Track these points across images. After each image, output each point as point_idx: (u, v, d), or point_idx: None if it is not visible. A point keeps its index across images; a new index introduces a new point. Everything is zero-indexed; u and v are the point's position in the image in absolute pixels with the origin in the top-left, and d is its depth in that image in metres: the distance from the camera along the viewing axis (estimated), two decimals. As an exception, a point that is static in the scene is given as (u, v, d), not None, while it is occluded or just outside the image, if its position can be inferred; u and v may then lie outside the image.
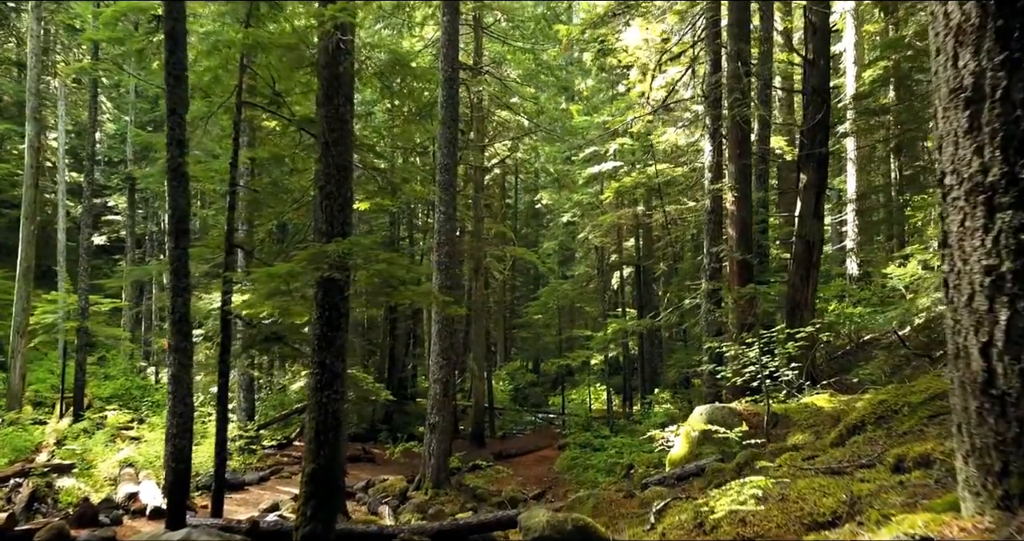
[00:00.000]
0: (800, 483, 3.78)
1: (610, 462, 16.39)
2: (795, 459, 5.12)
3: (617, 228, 25.37)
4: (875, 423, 5.49)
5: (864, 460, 4.31)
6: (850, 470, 4.07)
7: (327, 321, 6.89)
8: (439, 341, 14.31)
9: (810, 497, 3.39)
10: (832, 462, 4.56)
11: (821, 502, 3.27)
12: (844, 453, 4.77)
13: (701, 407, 8.84)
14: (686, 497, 4.89)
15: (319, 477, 6.67)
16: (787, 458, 5.27)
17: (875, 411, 5.60)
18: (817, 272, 12.61)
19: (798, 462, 4.96)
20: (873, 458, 4.26)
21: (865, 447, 4.86)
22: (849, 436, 5.62)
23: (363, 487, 14.17)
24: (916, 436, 4.68)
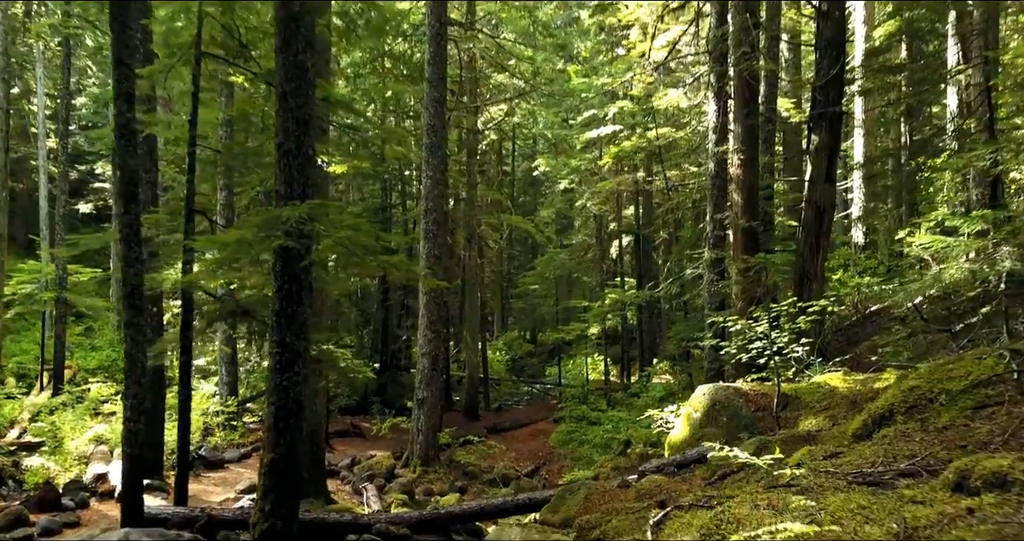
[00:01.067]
0: (831, 499, 3.08)
1: (606, 437, 15.83)
2: (815, 457, 4.42)
3: (616, 195, 24.51)
4: (906, 413, 4.78)
5: (904, 465, 3.60)
6: (890, 479, 3.36)
7: (287, 295, 6.15)
8: (427, 313, 13.61)
9: (848, 523, 2.68)
10: (864, 464, 3.85)
11: (864, 532, 2.56)
12: (875, 452, 4.06)
13: (703, 387, 8.15)
14: (688, 507, 4.20)
15: (279, 468, 5.99)
16: (805, 454, 4.57)
17: (905, 399, 4.88)
18: (828, 240, 11.83)
19: (820, 461, 4.26)
20: (916, 463, 3.54)
21: (899, 444, 4.15)
22: (876, 428, 4.92)
23: (348, 465, 13.59)
24: (961, 433, 3.97)
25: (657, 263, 27.67)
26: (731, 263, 12.18)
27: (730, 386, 7.91)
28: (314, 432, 10.63)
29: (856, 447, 4.54)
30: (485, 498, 12.13)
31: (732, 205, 12.01)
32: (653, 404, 16.15)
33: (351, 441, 16.65)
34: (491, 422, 19.66)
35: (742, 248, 11.73)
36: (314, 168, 6.36)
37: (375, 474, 12.85)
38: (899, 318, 14.06)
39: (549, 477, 14.85)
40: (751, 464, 5.90)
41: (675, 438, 8.16)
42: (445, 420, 20.18)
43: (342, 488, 12.38)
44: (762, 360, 8.35)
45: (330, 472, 13.08)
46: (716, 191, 12.44)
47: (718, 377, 11.95)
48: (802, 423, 6.88)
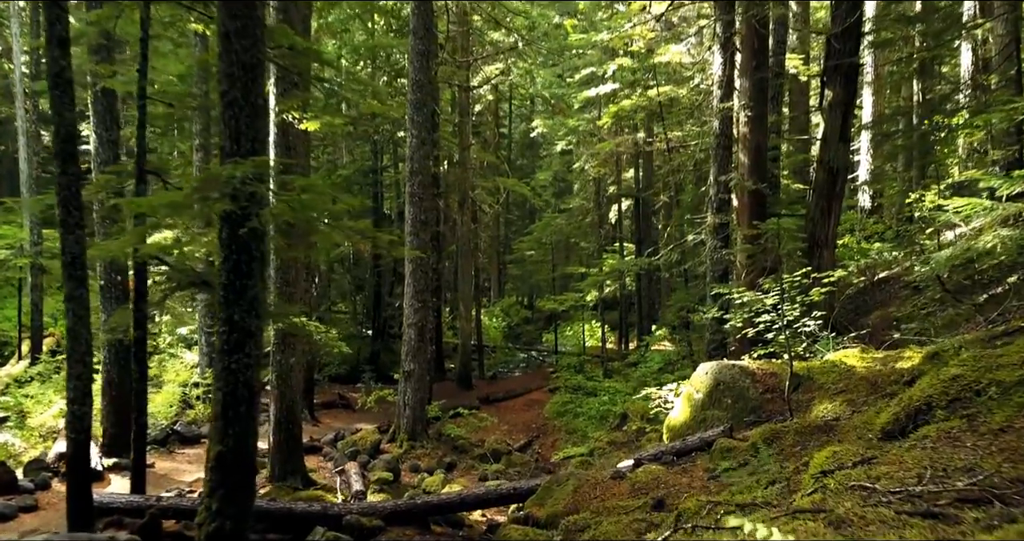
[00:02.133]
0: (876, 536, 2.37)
1: (602, 409, 15.24)
2: (842, 462, 3.70)
3: (616, 157, 23.59)
4: (948, 408, 4.06)
5: (962, 483, 2.88)
6: (950, 507, 2.65)
7: (234, 267, 5.39)
8: (413, 282, 12.87)
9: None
10: (908, 478, 3.13)
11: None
12: (917, 460, 3.34)
13: (706, 365, 7.44)
14: (691, 528, 3.50)
15: (227, 462, 5.30)
16: (829, 458, 3.85)
17: (946, 390, 4.16)
18: (840, 204, 11.05)
19: (849, 470, 3.54)
20: (978, 483, 2.82)
21: (946, 450, 3.44)
22: (911, 424, 4.20)
23: (332, 439, 12.98)
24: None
25: (657, 228, 26.86)
26: (736, 228, 11.41)
27: (736, 364, 7.21)
28: (290, 409, 9.98)
29: (890, 450, 3.83)
30: (473, 485, 11.56)
31: (738, 166, 11.18)
32: (651, 376, 15.55)
33: (337, 413, 16.06)
34: (484, 392, 19.08)
35: (748, 212, 10.94)
36: (264, 120, 5.53)
37: (359, 450, 12.25)
38: (912, 286, 13.34)
39: (542, 451, 14.28)
40: (758, 457, 5.22)
41: (674, 420, 7.49)
42: (438, 390, 19.63)
43: (324, 465, 11.78)
44: (769, 334, 7.66)
45: (312, 448, 12.50)
46: (720, 151, 11.60)
47: (720, 350, 11.28)
48: (816, 407, 6.19)
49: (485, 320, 31.44)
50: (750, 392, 6.84)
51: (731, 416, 6.83)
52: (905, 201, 19.63)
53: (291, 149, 9.87)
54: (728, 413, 6.86)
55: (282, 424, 9.94)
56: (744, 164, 11.00)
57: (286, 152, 9.84)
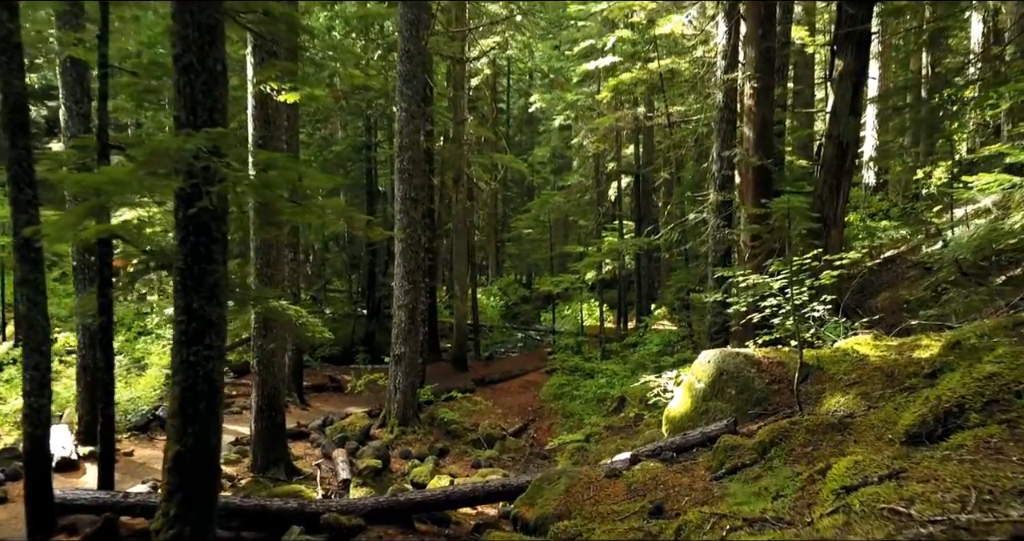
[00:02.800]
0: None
1: (599, 392, 14.85)
2: (866, 475, 3.24)
3: (615, 132, 22.95)
4: (983, 411, 3.59)
5: (1017, 511, 2.42)
6: (1009, 549, 2.19)
7: (192, 250, 4.90)
8: (404, 262, 12.38)
9: None
10: (949, 503, 2.67)
11: None
12: (956, 476, 2.88)
13: (708, 352, 6.98)
14: None
15: (187, 463, 4.85)
16: (851, 469, 3.39)
17: (981, 390, 3.70)
18: (850, 181, 10.55)
19: (876, 486, 3.08)
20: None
21: (989, 465, 2.98)
22: (940, 427, 3.74)
23: (320, 425, 12.58)
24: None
25: (657, 205, 26.30)
26: (739, 206, 10.89)
27: (740, 353, 6.75)
28: (272, 395, 9.56)
29: (920, 460, 3.36)
30: (460, 483, 11.18)
31: (743, 140, 10.64)
32: (650, 358, 15.14)
33: (328, 396, 15.67)
34: (480, 374, 18.68)
35: (753, 189, 10.43)
36: (224, 88, 5.00)
37: (348, 436, 11.85)
38: (921, 266, 12.85)
39: (537, 436, 13.91)
40: (766, 459, 4.79)
41: (675, 412, 7.05)
42: (432, 371, 19.24)
43: (310, 452, 11.39)
44: (776, 320, 7.18)
45: (299, 434, 12.12)
46: (724, 125, 11.04)
47: (722, 333, 10.83)
48: (827, 400, 5.74)
49: (482, 299, 30.99)
50: (755, 383, 6.39)
51: (735, 408, 6.38)
52: (913, 177, 19.16)
53: (270, 122, 9.33)
54: (731, 405, 6.41)
55: (264, 411, 9.52)
56: (749, 138, 10.46)
57: (265, 126, 9.31)
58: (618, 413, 13.64)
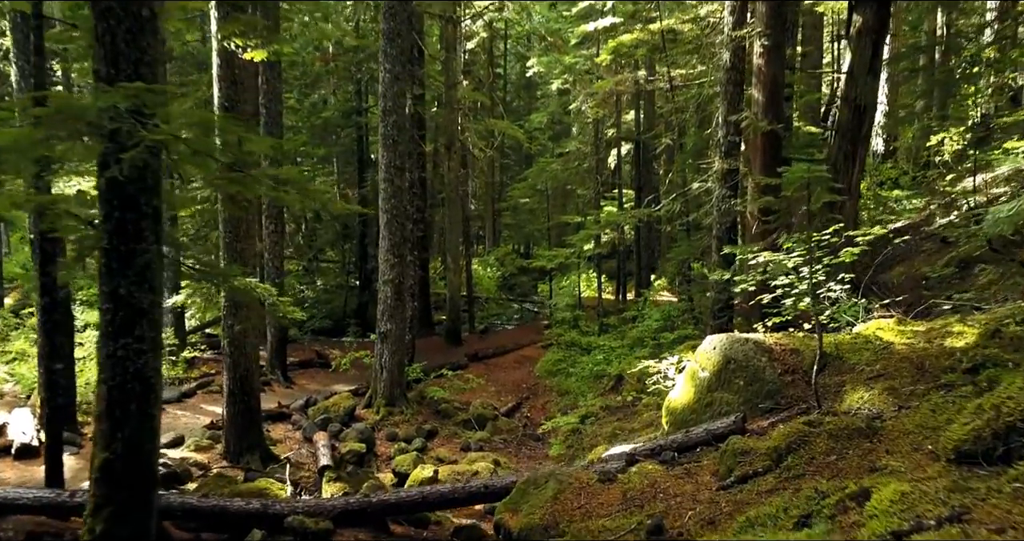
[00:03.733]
0: None
1: (596, 369, 14.26)
2: (919, 513, 2.60)
3: (615, 97, 22.03)
4: (1058, 428, 2.94)
5: None
6: None
7: (119, 227, 4.21)
8: (389, 234, 11.67)
9: None
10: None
11: None
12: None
13: (713, 338, 6.33)
14: None
15: (116, 473, 4.23)
16: (896, 501, 2.75)
17: (1051, 398, 3.04)
18: (866, 147, 9.82)
19: (932, 528, 2.44)
20: None
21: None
22: (1001, 445, 3.08)
23: (302, 405, 11.99)
24: None
25: (658, 173, 25.48)
26: (746, 175, 10.17)
27: (749, 338, 6.09)
28: (244, 379, 8.94)
29: (985, 493, 2.71)
30: (437, 487, 10.61)
31: (751, 103, 9.86)
32: (649, 334, 14.53)
33: (314, 374, 15.08)
34: (474, 348, 18.09)
35: (762, 156, 9.69)
36: (155, 38, 4.25)
37: (331, 418, 11.27)
38: (937, 237, 12.15)
39: (531, 415, 13.36)
40: (783, 467, 4.15)
41: (676, 402, 6.41)
42: (425, 346, 18.65)
43: (291, 435, 10.82)
44: (788, 301, 6.52)
45: (280, 415, 11.55)
46: (731, 87, 10.24)
47: (726, 311, 10.18)
48: (849, 396, 5.10)
49: (479, 270, 30.31)
50: (766, 373, 5.74)
51: (743, 401, 5.75)
52: (927, 144, 18.33)
53: (237, 83, 8.55)
54: (739, 397, 5.78)
55: (236, 395, 8.91)
56: (758, 101, 9.68)
57: (231, 86, 8.53)
58: (615, 392, 13.07)
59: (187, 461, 8.68)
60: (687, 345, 11.63)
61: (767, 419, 5.46)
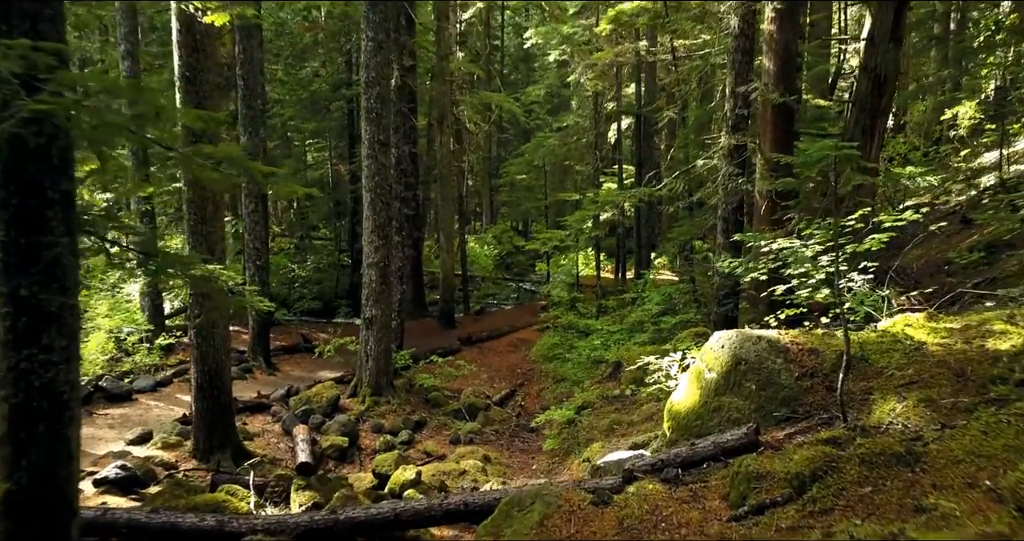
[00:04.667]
0: None
1: (594, 355, 13.65)
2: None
3: (615, 69, 21.19)
4: None
5: None
6: None
7: (18, 217, 3.53)
8: (373, 214, 10.98)
9: None
10: None
11: None
12: None
13: (722, 335, 5.67)
14: None
15: (22, 506, 3.59)
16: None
17: None
18: (886, 121, 9.09)
19: None
20: None
21: None
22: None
23: (284, 395, 11.38)
24: None
25: (659, 148, 24.69)
26: (755, 151, 9.44)
27: (762, 336, 5.43)
28: (214, 372, 8.30)
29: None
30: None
31: (762, 73, 9.10)
32: (649, 319, 13.90)
33: (300, 360, 14.46)
34: (467, 331, 17.48)
35: (773, 131, 8.96)
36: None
37: (313, 409, 10.67)
38: (956, 216, 11.46)
39: (526, 403, 12.77)
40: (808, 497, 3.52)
41: (680, 405, 5.77)
42: (418, 328, 18.05)
43: (270, 428, 10.23)
44: (803, 291, 5.86)
45: (260, 406, 10.95)
46: (739, 56, 9.47)
47: (732, 298, 9.53)
48: (878, 407, 4.45)
49: (475, 248, 29.60)
50: (782, 376, 5.09)
51: (755, 408, 5.11)
52: (940, 118, 17.52)
53: (199, 50, 7.79)
54: (751, 403, 5.14)
55: (204, 390, 8.28)
56: (769, 71, 8.92)
57: (192, 54, 7.77)
58: (613, 379, 12.47)
59: (152, 460, 8.08)
60: (689, 332, 11.00)
61: (783, 429, 4.83)
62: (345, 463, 9.70)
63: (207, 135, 8.14)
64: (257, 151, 13.45)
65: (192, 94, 7.79)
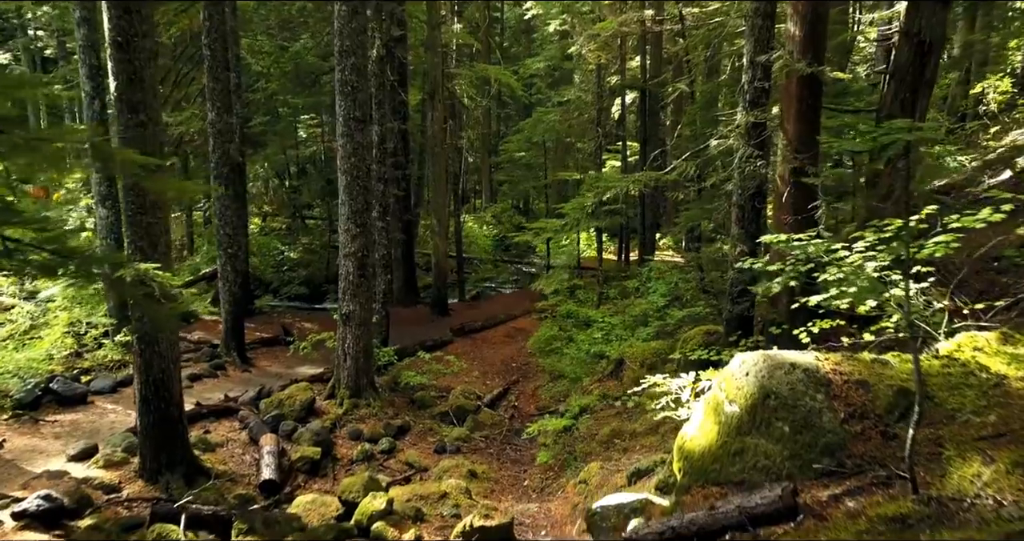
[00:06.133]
0: None
1: (594, 349, 12.65)
2: None
3: (619, 40, 19.91)
4: None
5: None
6: None
7: None
8: (349, 199, 9.93)
9: None
10: None
11: None
12: None
13: (746, 358, 4.62)
14: None
15: None
16: None
17: None
18: (930, 96, 7.95)
19: None
20: None
21: None
22: None
23: (254, 398, 10.39)
24: None
25: (665, 124, 23.43)
26: (778, 130, 8.33)
27: (796, 363, 4.38)
28: (160, 382, 7.31)
29: None
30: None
31: (787, 39, 7.95)
32: (654, 313, 12.86)
33: (278, 353, 13.45)
34: (461, 320, 16.50)
35: (798, 106, 7.83)
36: None
37: (285, 414, 9.70)
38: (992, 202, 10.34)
39: (520, 404, 11.82)
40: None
41: (694, 443, 4.75)
42: (409, 317, 17.07)
43: (236, 437, 9.25)
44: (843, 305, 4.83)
45: (227, 411, 9.97)
46: (759, 20, 8.30)
47: (747, 295, 8.46)
48: (956, 470, 3.43)
49: (474, 228, 28.50)
50: (823, 417, 4.07)
51: (789, 455, 4.09)
52: (969, 91, 16.29)
53: (132, 11, 6.67)
54: (784, 449, 4.12)
55: (150, 402, 7.30)
56: (795, 37, 7.77)
57: (126, 15, 6.66)
58: (615, 378, 11.49)
59: (92, 482, 7.14)
60: (699, 330, 9.97)
61: (827, 487, 3.82)
62: (317, 477, 8.76)
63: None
64: (230, 129, 12.36)
65: (124, 63, 6.70)
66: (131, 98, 6.76)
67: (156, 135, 6.99)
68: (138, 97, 6.78)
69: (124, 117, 6.81)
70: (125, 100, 6.78)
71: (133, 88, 6.75)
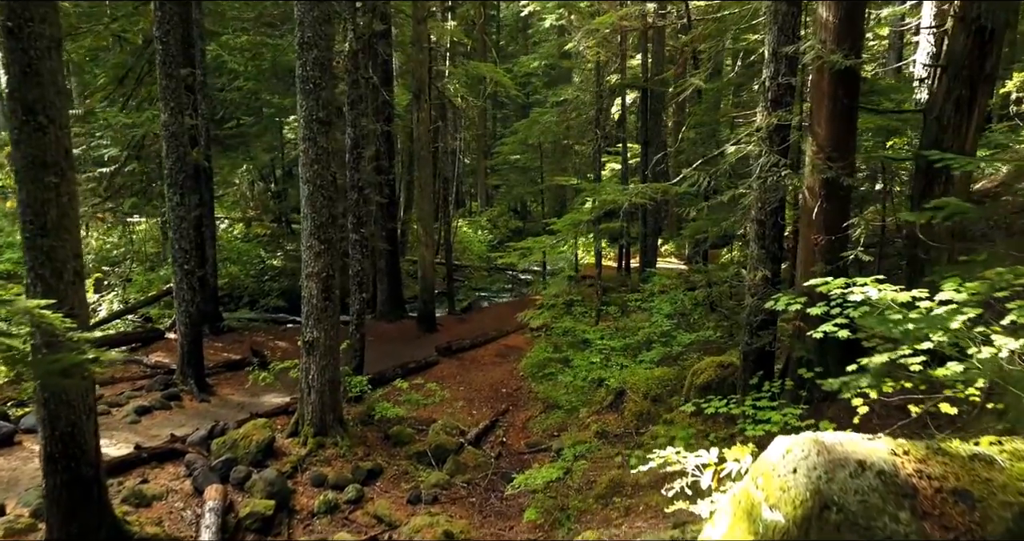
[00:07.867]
0: None
1: (592, 375, 11.41)
2: None
3: (619, 36, 18.69)
4: None
5: None
6: None
7: None
8: (312, 212, 8.72)
9: None
10: None
11: None
12: None
13: (791, 444, 3.39)
14: None
15: None
16: None
17: None
18: (989, 93, 6.76)
19: None
20: None
21: None
22: None
23: (205, 437, 9.13)
24: None
25: (667, 125, 22.22)
26: (805, 134, 7.14)
27: (863, 460, 3.15)
28: (69, 437, 6.10)
29: None
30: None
31: (818, 28, 6.73)
32: (659, 335, 11.64)
33: (244, 379, 12.16)
34: (448, 337, 15.29)
35: (830, 105, 6.63)
36: None
37: (238, 457, 8.48)
38: None
39: (509, 438, 10.60)
40: None
41: (718, 560, 3.52)
42: (393, 333, 15.88)
43: (178, 487, 8.01)
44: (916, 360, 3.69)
45: (172, 453, 8.74)
46: (784, 5, 7.08)
47: (768, 326, 7.25)
48: None
49: (468, 233, 27.32)
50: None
51: (860, 600, 2.88)
52: (998, 90, 15.06)
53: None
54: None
55: (57, 462, 6.08)
56: (828, 23, 6.55)
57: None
58: (615, 410, 10.30)
59: None
60: (710, 362, 8.76)
61: None
62: (269, 536, 7.57)
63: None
64: (188, 131, 11.16)
65: (18, 53, 5.50)
66: (25, 96, 5.56)
67: (61, 140, 5.79)
68: (34, 94, 5.58)
69: (18, 118, 5.61)
70: (18, 98, 5.59)
71: (28, 83, 5.55)
